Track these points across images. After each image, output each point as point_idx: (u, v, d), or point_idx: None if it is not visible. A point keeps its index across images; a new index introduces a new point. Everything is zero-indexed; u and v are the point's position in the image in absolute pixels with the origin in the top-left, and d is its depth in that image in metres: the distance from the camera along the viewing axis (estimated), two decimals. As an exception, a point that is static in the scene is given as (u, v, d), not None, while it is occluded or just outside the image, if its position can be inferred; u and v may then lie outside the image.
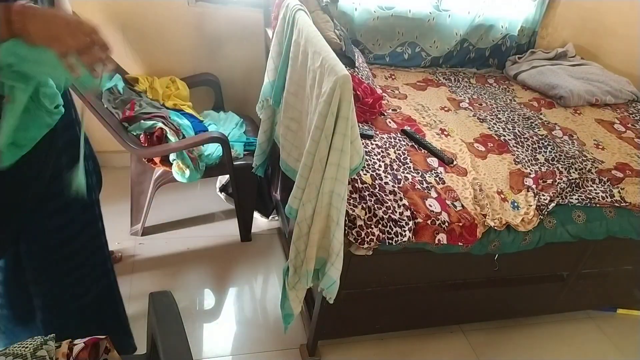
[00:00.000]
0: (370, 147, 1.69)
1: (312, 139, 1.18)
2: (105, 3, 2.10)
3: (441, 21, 2.49)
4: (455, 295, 1.78)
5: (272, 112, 1.78)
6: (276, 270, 2.12)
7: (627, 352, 2.03)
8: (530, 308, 2.00)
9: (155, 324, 0.89)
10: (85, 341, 0.96)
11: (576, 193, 1.73)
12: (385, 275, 1.60)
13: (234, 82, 2.46)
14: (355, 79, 1.94)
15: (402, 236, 1.39)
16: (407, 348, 1.87)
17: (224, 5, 2.27)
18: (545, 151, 1.92)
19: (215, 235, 2.24)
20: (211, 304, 1.93)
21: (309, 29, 1.36)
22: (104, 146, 2.45)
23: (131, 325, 1.74)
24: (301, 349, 1.77)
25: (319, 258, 1.33)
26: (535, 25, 2.69)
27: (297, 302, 1.43)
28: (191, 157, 1.90)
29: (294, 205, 1.29)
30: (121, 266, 1.96)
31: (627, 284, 2.04)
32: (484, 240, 1.52)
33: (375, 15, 2.37)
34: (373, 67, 2.43)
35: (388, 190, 1.49)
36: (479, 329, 1.99)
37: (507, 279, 1.80)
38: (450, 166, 1.72)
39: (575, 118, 2.31)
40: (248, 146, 2.10)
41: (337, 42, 1.95)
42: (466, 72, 2.63)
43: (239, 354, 1.74)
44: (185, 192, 2.40)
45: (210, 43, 2.34)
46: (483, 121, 2.09)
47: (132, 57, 2.27)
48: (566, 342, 2.03)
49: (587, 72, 2.62)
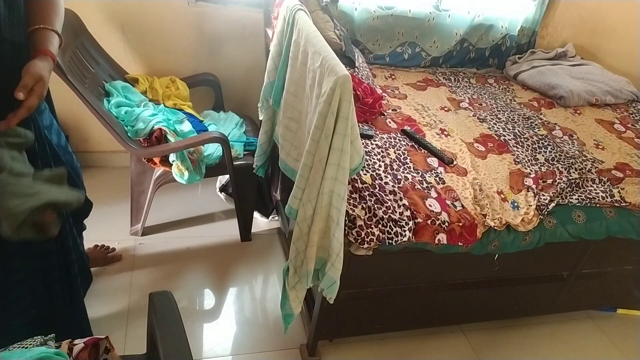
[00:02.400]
0: (370, 147, 1.69)
1: (312, 139, 1.18)
2: (105, 3, 2.10)
3: (441, 21, 2.49)
4: (455, 295, 1.78)
5: (273, 112, 1.78)
6: (276, 270, 2.12)
7: (627, 352, 2.03)
8: (530, 308, 2.00)
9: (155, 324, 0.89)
10: (85, 341, 0.96)
11: (576, 193, 1.73)
12: (385, 275, 1.60)
13: (234, 82, 2.46)
14: (355, 79, 1.93)
15: (402, 236, 1.39)
16: (407, 348, 1.87)
17: (224, 5, 2.27)
18: (545, 151, 1.92)
19: (215, 235, 2.24)
20: (211, 304, 1.93)
21: (309, 29, 1.36)
22: (104, 146, 2.47)
23: (131, 325, 1.75)
24: (301, 349, 1.77)
25: (319, 258, 1.33)
26: (535, 25, 2.69)
27: (297, 302, 1.43)
28: (191, 159, 1.90)
29: (294, 205, 1.29)
30: (121, 266, 1.96)
31: (627, 284, 2.04)
32: (484, 240, 1.52)
33: (375, 15, 2.37)
34: (373, 67, 2.43)
35: (388, 190, 1.49)
36: (479, 329, 1.99)
37: (507, 279, 1.80)
38: (450, 166, 1.72)
39: (575, 118, 2.31)
40: (248, 146, 2.10)
41: (337, 42, 1.95)
42: (466, 72, 2.63)
43: (239, 354, 1.74)
44: (185, 192, 2.40)
45: (210, 43, 2.34)
46: (483, 121, 2.09)
47: (132, 57, 2.27)
48: (566, 342, 2.03)
49: (587, 72, 2.62)
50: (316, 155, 1.17)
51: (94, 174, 2.42)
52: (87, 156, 2.45)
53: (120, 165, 2.49)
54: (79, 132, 2.41)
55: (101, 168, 2.48)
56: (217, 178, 2.41)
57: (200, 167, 1.94)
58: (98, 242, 1.98)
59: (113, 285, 1.87)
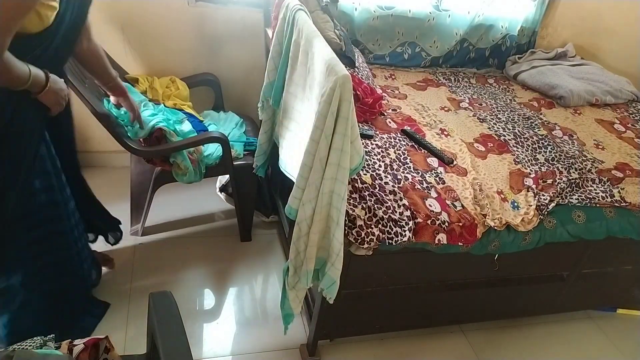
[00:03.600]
0: (370, 147, 1.69)
1: (312, 139, 1.18)
2: (106, 3, 2.10)
3: (441, 21, 2.49)
4: (455, 295, 1.78)
5: (273, 112, 1.78)
6: (276, 270, 2.12)
7: (627, 352, 2.03)
8: (530, 308, 2.00)
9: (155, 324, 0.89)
10: (85, 342, 0.96)
11: (576, 193, 1.73)
12: (385, 275, 1.60)
13: (234, 82, 2.46)
14: (355, 79, 1.93)
15: (402, 236, 1.39)
16: (407, 348, 1.87)
17: (224, 5, 2.27)
18: (545, 151, 1.92)
19: (215, 235, 2.24)
20: (211, 304, 1.93)
21: (309, 29, 1.36)
22: (104, 146, 2.46)
23: (131, 325, 1.75)
24: (301, 349, 1.77)
25: (319, 258, 1.33)
26: (535, 25, 2.69)
27: (297, 302, 1.43)
28: (191, 159, 1.90)
29: (294, 205, 1.29)
30: (121, 266, 1.96)
31: (627, 284, 2.05)
32: (484, 240, 1.52)
33: (375, 15, 2.37)
34: (373, 67, 2.43)
35: (388, 190, 1.49)
36: (479, 329, 1.99)
37: (507, 279, 1.80)
38: (450, 166, 1.72)
39: (575, 118, 2.31)
40: (248, 146, 2.10)
41: (337, 42, 1.95)
42: (466, 72, 2.63)
43: (239, 354, 1.74)
44: (185, 192, 2.40)
45: (210, 43, 2.34)
46: (483, 121, 2.09)
47: (132, 57, 2.27)
48: (566, 342, 2.03)
49: (587, 72, 2.62)
50: (316, 155, 1.17)
51: (94, 174, 2.40)
52: (87, 156, 2.44)
53: (120, 165, 2.49)
54: (79, 132, 2.37)
55: (101, 168, 2.48)
56: (217, 178, 2.41)
57: (200, 167, 1.94)
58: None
59: (113, 286, 1.87)
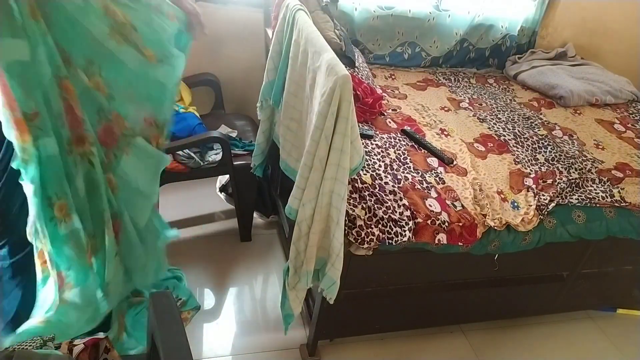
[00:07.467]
0: (370, 147, 1.69)
1: (312, 139, 1.18)
2: (105, 3, 2.10)
3: (441, 21, 2.49)
4: (455, 295, 1.78)
5: (271, 112, 1.78)
6: (276, 270, 2.12)
7: (627, 352, 2.03)
8: (530, 308, 2.00)
9: (155, 324, 0.89)
10: (85, 342, 0.96)
11: (576, 193, 1.73)
12: (385, 275, 1.60)
13: (234, 82, 2.46)
14: (355, 79, 1.93)
15: (402, 236, 1.39)
16: (407, 348, 1.87)
17: (224, 5, 2.27)
18: (545, 151, 1.92)
19: (215, 235, 2.24)
20: (211, 304, 1.93)
21: (309, 29, 1.36)
22: (103, 146, 2.46)
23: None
24: (301, 349, 1.77)
25: (319, 258, 1.33)
26: (535, 25, 2.69)
27: (297, 302, 1.43)
28: None
29: (294, 206, 1.29)
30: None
31: (627, 284, 2.04)
32: (484, 240, 1.52)
33: (375, 15, 2.37)
34: (373, 67, 2.43)
35: (388, 190, 1.49)
36: (479, 329, 1.99)
37: (507, 279, 1.80)
38: (450, 166, 1.72)
39: (575, 118, 2.31)
40: (248, 146, 2.10)
41: (337, 42, 1.95)
42: (466, 72, 2.63)
43: (239, 354, 1.74)
44: (186, 192, 2.40)
45: (210, 43, 2.34)
46: (483, 121, 2.09)
47: (132, 57, 2.27)
48: (566, 342, 2.03)
49: (587, 72, 2.62)
50: (316, 155, 1.17)
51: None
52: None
53: (120, 165, 2.49)
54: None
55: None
56: (217, 178, 2.41)
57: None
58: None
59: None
